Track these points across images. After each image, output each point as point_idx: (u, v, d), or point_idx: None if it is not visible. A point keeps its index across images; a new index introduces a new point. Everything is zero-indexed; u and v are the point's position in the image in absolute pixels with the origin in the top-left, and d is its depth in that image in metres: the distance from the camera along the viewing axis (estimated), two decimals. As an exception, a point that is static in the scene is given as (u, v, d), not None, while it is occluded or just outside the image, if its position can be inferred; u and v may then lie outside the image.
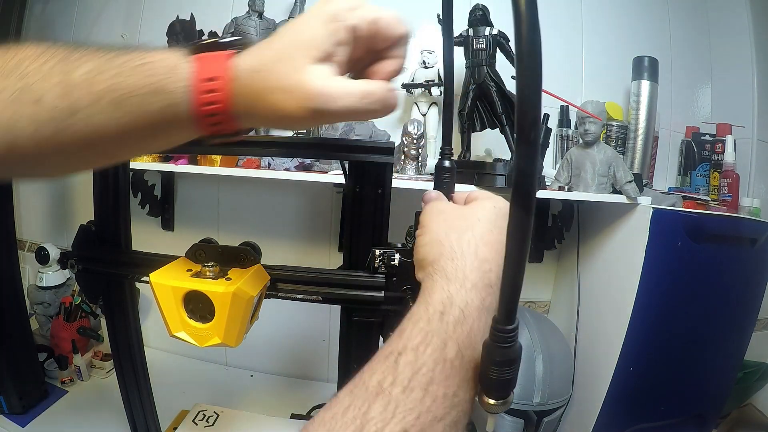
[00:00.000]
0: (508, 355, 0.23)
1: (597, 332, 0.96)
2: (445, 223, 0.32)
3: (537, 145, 0.20)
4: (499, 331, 0.23)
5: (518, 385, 0.82)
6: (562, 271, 1.16)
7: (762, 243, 0.91)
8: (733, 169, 1.05)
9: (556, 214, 1.13)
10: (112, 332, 0.64)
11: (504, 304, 0.23)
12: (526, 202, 0.21)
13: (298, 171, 0.93)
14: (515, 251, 0.22)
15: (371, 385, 0.24)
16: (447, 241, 0.31)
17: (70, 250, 0.60)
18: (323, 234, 1.14)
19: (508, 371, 0.24)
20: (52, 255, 1.13)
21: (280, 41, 0.27)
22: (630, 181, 0.86)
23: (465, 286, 0.28)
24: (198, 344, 0.43)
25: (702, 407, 0.96)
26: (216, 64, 0.27)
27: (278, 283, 0.50)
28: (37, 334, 1.14)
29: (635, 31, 1.15)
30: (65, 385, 1.01)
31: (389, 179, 0.50)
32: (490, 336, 0.23)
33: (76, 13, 1.21)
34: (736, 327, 0.96)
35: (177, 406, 0.90)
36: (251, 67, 0.27)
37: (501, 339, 0.23)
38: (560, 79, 1.07)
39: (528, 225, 0.21)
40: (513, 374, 0.24)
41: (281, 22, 1.03)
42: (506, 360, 0.23)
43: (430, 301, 0.28)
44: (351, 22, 0.27)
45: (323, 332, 1.15)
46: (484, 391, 0.25)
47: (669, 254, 0.83)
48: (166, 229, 1.19)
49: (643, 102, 1.05)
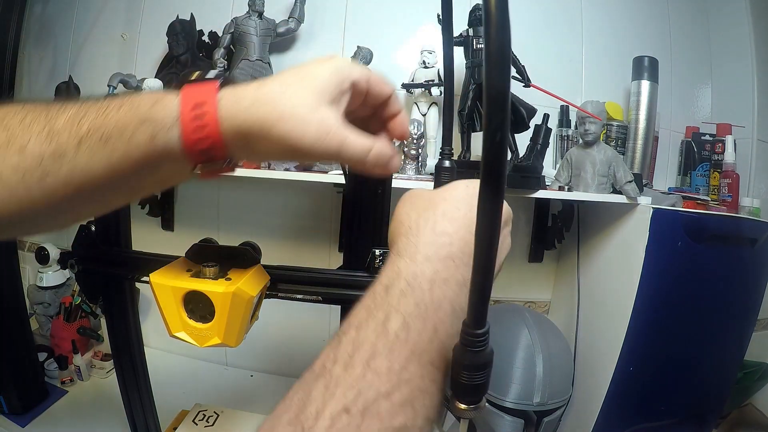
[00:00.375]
0: (478, 359, 0.22)
1: (597, 332, 0.96)
2: (411, 205, 0.31)
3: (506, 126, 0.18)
4: (468, 335, 0.22)
5: (518, 385, 0.82)
6: (562, 271, 1.16)
7: (762, 243, 0.91)
8: (733, 169, 1.05)
9: (556, 214, 1.13)
10: (112, 332, 0.64)
11: (473, 307, 0.22)
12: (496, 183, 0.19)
13: (298, 171, 0.93)
14: (485, 247, 0.20)
15: (316, 368, 0.23)
16: (407, 221, 0.30)
17: (70, 250, 0.60)
18: (323, 234, 1.14)
19: (478, 376, 0.23)
20: (52, 255, 1.13)
21: (285, 80, 0.29)
22: (630, 181, 0.86)
23: (415, 259, 0.26)
24: (198, 344, 0.43)
25: (702, 407, 0.96)
26: (203, 90, 0.28)
27: (278, 283, 0.50)
28: (37, 334, 1.14)
29: (635, 31, 1.15)
30: (65, 385, 1.01)
31: (389, 179, 0.50)
32: (460, 340, 0.23)
33: (76, 13, 1.21)
34: (736, 327, 0.96)
35: (177, 406, 0.90)
36: (253, 97, 0.28)
37: (470, 343, 0.22)
38: (560, 79, 1.07)
39: (497, 212, 0.19)
40: (484, 379, 0.23)
41: (281, 22, 1.03)
42: (476, 365, 0.22)
43: (379, 278, 0.27)
44: (353, 76, 0.30)
45: (323, 332, 1.15)
46: (455, 395, 0.24)
47: (669, 254, 0.83)
48: (166, 229, 1.19)
49: (643, 102, 1.05)
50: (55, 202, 0.27)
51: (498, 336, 0.88)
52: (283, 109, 0.27)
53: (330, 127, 0.28)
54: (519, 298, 1.16)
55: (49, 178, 0.26)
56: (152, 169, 0.28)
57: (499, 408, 0.82)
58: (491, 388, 0.83)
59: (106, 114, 0.27)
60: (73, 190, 0.27)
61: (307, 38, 1.10)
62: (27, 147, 0.26)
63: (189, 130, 0.27)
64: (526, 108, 0.85)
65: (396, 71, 1.05)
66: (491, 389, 0.83)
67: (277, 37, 1.03)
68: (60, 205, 0.28)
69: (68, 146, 0.26)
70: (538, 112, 0.91)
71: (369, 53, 1.02)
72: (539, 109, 0.91)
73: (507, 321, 0.90)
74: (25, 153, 0.26)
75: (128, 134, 0.26)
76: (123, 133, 0.26)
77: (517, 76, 0.87)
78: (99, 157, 0.26)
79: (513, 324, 0.89)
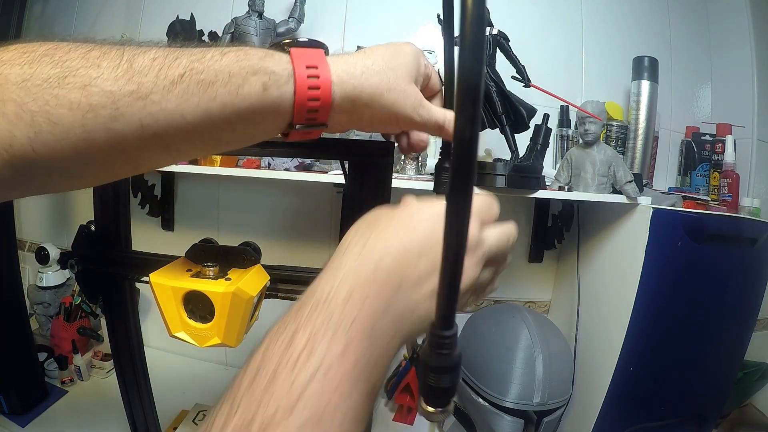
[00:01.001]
0: (445, 362, 0.22)
1: (597, 332, 0.96)
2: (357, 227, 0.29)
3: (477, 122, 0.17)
4: (435, 336, 0.22)
5: (518, 385, 0.82)
6: (562, 271, 1.16)
7: (762, 243, 0.91)
8: (733, 169, 1.05)
9: (556, 214, 1.13)
10: (112, 332, 0.64)
11: (440, 307, 0.21)
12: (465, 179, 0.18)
13: (298, 171, 0.93)
14: (453, 244, 0.19)
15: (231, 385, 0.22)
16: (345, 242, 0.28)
17: (70, 250, 0.60)
18: (323, 234, 1.14)
19: (445, 379, 0.22)
20: (52, 255, 1.13)
21: (384, 55, 0.32)
22: (630, 181, 0.86)
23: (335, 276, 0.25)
24: (198, 344, 0.43)
25: (702, 407, 0.96)
26: (313, 54, 0.29)
27: (278, 283, 0.50)
28: (37, 334, 1.14)
29: (635, 31, 1.15)
30: (65, 385, 1.01)
31: (389, 179, 0.50)
32: (428, 341, 0.22)
33: (76, 13, 1.21)
34: (736, 327, 0.96)
35: (177, 406, 0.90)
36: (363, 66, 0.30)
37: (437, 345, 0.22)
38: (560, 79, 1.07)
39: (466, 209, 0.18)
40: (452, 382, 0.23)
41: (281, 22, 1.03)
42: (443, 367, 0.22)
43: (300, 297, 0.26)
44: (424, 63, 0.35)
45: (323, 332, 1.15)
46: (423, 398, 0.24)
47: (669, 254, 0.83)
48: (166, 229, 1.19)
49: (643, 102, 1.05)
50: (119, 148, 0.25)
51: (498, 336, 0.88)
52: (389, 80, 0.31)
53: (421, 99, 0.33)
54: (519, 298, 1.16)
55: (122, 119, 0.24)
56: (250, 121, 0.28)
57: (499, 408, 0.82)
58: (491, 388, 0.83)
59: (205, 60, 0.25)
60: (150, 135, 0.25)
61: (307, 38, 1.10)
62: (94, 84, 0.23)
63: (303, 87, 0.28)
64: (526, 108, 0.85)
65: (396, 71, 1.05)
66: (491, 389, 0.83)
67: (277, 37, 1.03)
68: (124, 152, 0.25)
69: (154, 88, 0.24)
70: (538, 112, 0.90)
71: (369, 53, 1.02)
72: (539, 109, 0.90)
73: (507, 321, 0.90)
74: (89, 90, 0.23)
75: (237, 82, 0.26)
76: (230, 80, 0.26)
77: (517, 76, 0.87)
78: (192, 103, 0.25)
79: (513, 324, 0.89)
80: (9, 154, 0.22)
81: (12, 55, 0.22)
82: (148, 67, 0.24)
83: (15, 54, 0.23)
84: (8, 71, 0.22)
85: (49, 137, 0.22)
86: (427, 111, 0.34)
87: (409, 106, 0.32)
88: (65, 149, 0.23)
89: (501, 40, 0.87)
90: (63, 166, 0.24)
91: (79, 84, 0.23)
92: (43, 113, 0.22)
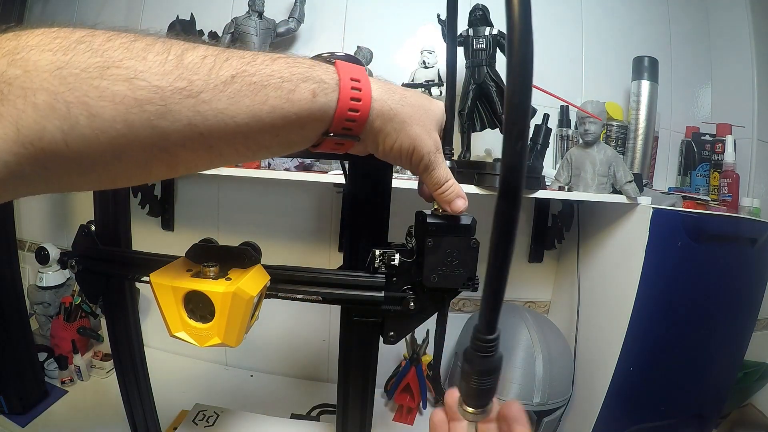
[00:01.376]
0: (489, 364, 0.23)
1: (597, 332, 0.96)
2: None
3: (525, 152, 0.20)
4: (479, 340, 0.23)
5: (518, 385, 0.82)
6: (562, 271, 1.16)
7: (762, 243, 0.91)
8: (733, 169, 1.05)
9: (556, 214, 1.13)
10: (112, 332, 0.64)
11: (484, 313, 0.22)
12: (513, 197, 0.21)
13: (298, 171, 0.93)
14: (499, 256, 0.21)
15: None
16: None
17: (70, 250, 0.60)
18: (323, 234, 1.14)
19: (487, 381, 0.23)
20: (52, 255, 1.13)
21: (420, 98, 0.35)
22: (630, 181, 0.86)
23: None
24: (198, 344, 0.43)
25: (702, 407, 0.96)
26: (356, 69, 0.30)
27: (278, 283, 0.50)
28: (37, 334, 1.14)
29: (635, 31, 1.15)
30: (65, 385, 1.01)
31: (389, 179, 0.50)
32: (471, 345, 0.23)
33: (76, 13, 1.21)
34: (736, 327, 0.96)
35: (177, 406, 0.90)
36: (402, 95, 0.33)
37: (481, 348, 0.23)
38: (560, 79, 1.07)
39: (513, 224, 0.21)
40: (493, 384, 0.24)
41: (281, 22, 1.03)
42: (485, 369, 0.23)
43: None
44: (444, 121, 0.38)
45: (323, 332, 1.15)
46: (464, 400, 0.24)
47: (669, 254, 0.83)
48: (166, 229, 1.19)
49: (643, 102, 1.05)
50: (161, 146, 0.23)
51: (498, 336, 0.88)
52: (420, 116, 0.34)
53: (439, 148, 0.36)
54: (519, 298, 1.16)
55: (169, 117, 0.22)
56: (295, 126, 0.28)
57: (499, 408, 0.82)
58: (491, 388, 0.83)
59: (256, 64, 0.25)
60: (197, 135, 0.24)
61: (307, 38, 1.10)
62: (141, 77, 0.21)
63: (346, 98, 0.29)
64: (526, 108, 0.85)
65: (396, 71, 1.05)
66: (491, 389, 0.83)
67: (277, 37, 1.03)
68: (166, 150, 0.24)
69: (205, 86, 0.23)
70: (538, 112, 0.91)
71: (369, 53, 1.02)
72: (539, 109, 0.91)
73: (507, 321, 0.91)
74: (135, 84, 0.21)
75: (289, 87, 0.26)
76: (282, 84, 0.26)
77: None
78: (243, 105, 0.25)
79: (513, 324, 0.89)
80: (36, 149, 0.20)
81: (40, 39, 0.20)
82: (199, 64, 0.23)
83: (43, 39, 0.20)
84: (37, 57, 0.20)
85: (87, 131, 0.21)
86: (438, 162, 0.36)
87: (428, 146, 0.34)
88: (103, 145, 0.21)
89: (501, 40, 0.87)
90: (96, 163, 0.22)
91: (124, 76, 0.21)
92: (82, 104, 0.20)
